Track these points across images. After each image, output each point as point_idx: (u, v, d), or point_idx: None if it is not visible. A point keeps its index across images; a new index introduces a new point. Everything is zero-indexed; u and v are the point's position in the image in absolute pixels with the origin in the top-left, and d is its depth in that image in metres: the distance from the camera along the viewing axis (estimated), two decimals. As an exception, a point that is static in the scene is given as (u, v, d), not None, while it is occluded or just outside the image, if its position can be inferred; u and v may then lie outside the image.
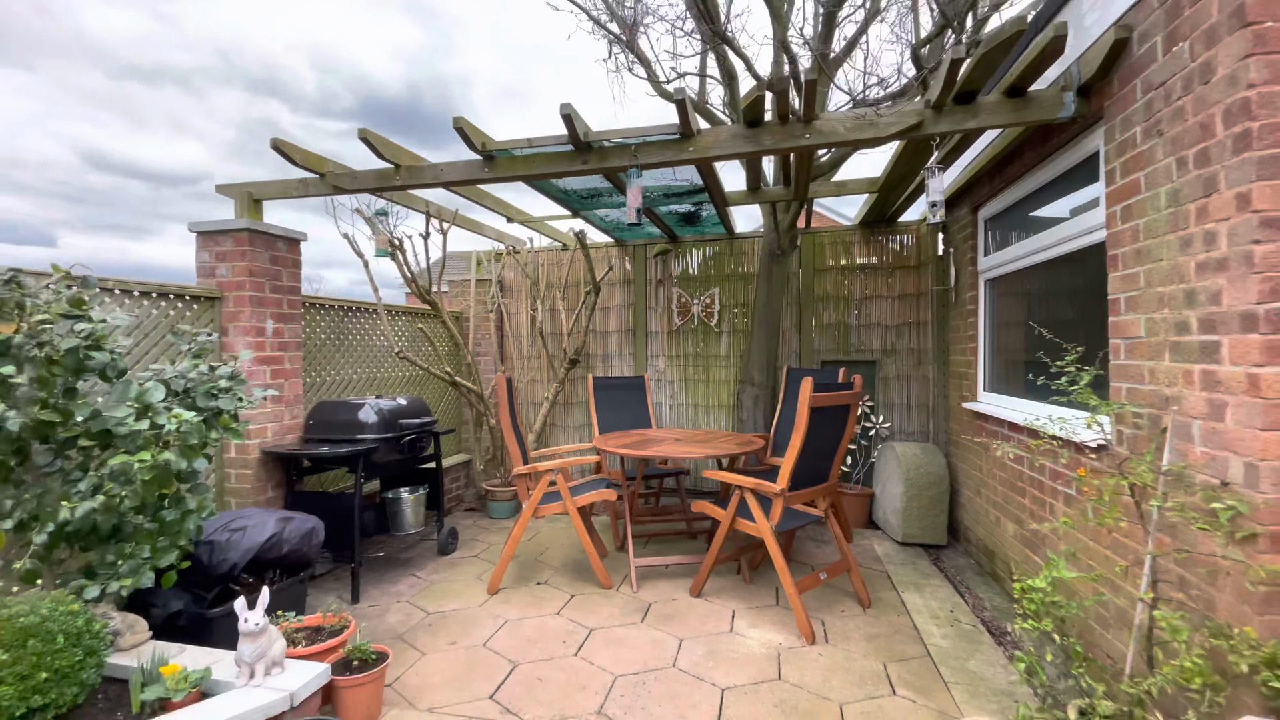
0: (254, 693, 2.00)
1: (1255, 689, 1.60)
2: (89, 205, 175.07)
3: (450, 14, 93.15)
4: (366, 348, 4.64)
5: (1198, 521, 1.77)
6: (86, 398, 2.22)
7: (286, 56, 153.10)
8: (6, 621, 1.81)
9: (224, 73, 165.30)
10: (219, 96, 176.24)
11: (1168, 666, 1.73)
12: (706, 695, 2.47)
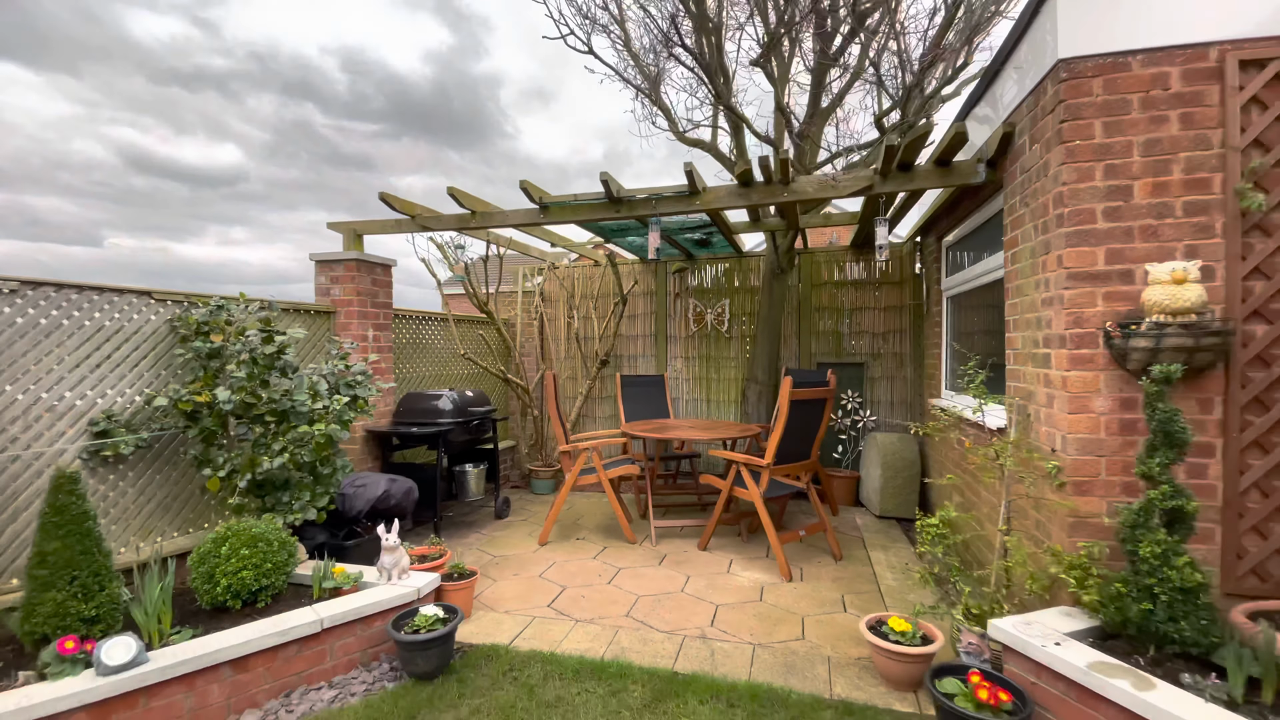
0: (393, 588, 2.96)
1: (1065, 587, 2.44)
2: (132, 206, 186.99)
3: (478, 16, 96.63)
4: (436, 350, 5.64)
5: (1029, 479, 2.61)
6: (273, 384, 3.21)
7: (320, 60, 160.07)
8: (243, 530, 2.80)
9: (260, 76, 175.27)
10: (255, 100, 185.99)
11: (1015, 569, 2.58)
12: (705, 608, 3.37)
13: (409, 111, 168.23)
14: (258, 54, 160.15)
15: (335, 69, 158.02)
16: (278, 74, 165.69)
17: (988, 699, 2.07)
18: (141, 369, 3.13)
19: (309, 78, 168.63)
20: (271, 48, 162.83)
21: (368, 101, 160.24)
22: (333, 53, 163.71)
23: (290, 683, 2.57)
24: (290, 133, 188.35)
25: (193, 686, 2.32)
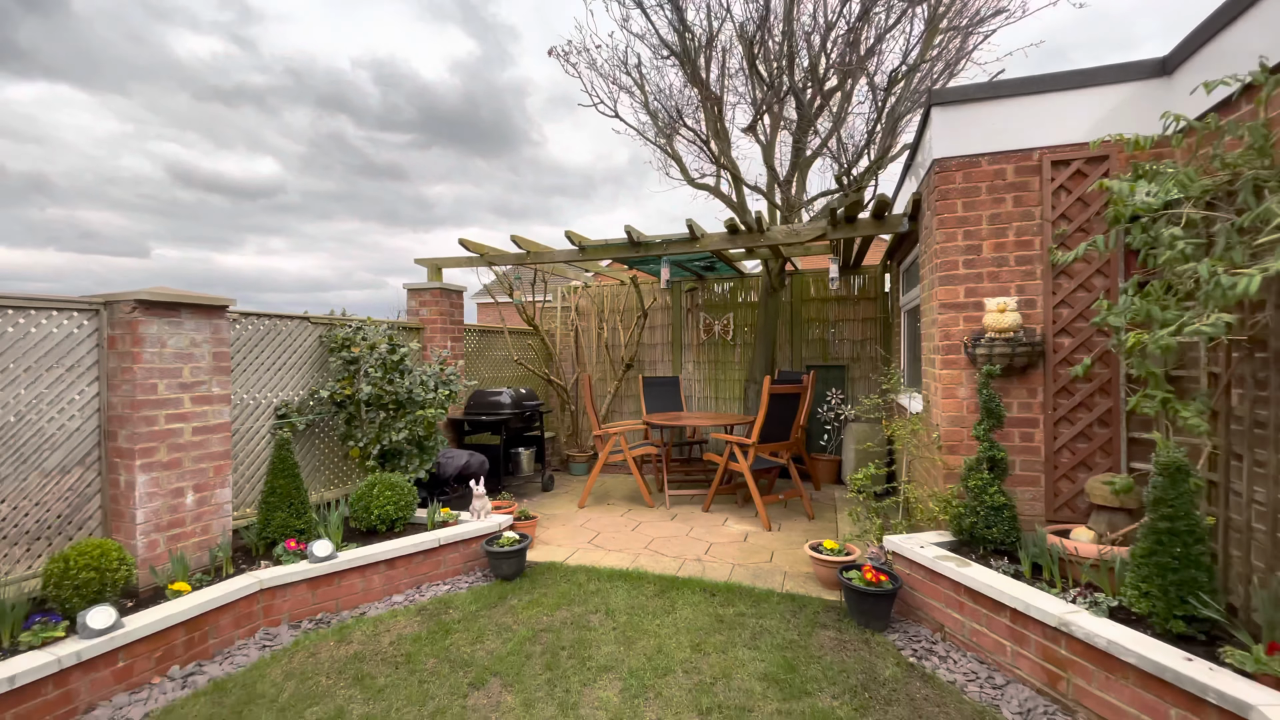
0: (482, 523, 4.25)
1: (942, 520, 3.59)
2: (177, 219, 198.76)
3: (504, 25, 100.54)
4: (495, 356, 6.97)
5: (925, 445, 3.77)
6: (396, 382, 4.54)
7: (352, 73, 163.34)
8: (386, 479, 4.11)
9: (296, 91, 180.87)
10: (291, 114, 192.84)
11: (913, 505, 3.75)
12: (701, 545, 4.58)
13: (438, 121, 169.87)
14: (294, 69, 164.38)
15: (367, 81, 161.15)
16: (312, 88, 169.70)
17: (872, 579, 3.26)
18: (305, 371, 4.49)
19: (342, 91, 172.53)
20: (307, 62, 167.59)
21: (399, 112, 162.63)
22: (365, 65, 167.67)
23: (420, 579, 3.88)
24: (325, 145, 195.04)
25: (363, 575, 3.64)
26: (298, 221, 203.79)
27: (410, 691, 2.67)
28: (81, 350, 3.18)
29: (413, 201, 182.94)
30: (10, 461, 2.92)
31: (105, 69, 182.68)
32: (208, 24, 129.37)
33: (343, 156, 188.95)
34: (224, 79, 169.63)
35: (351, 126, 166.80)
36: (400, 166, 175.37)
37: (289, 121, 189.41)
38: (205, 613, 3.00)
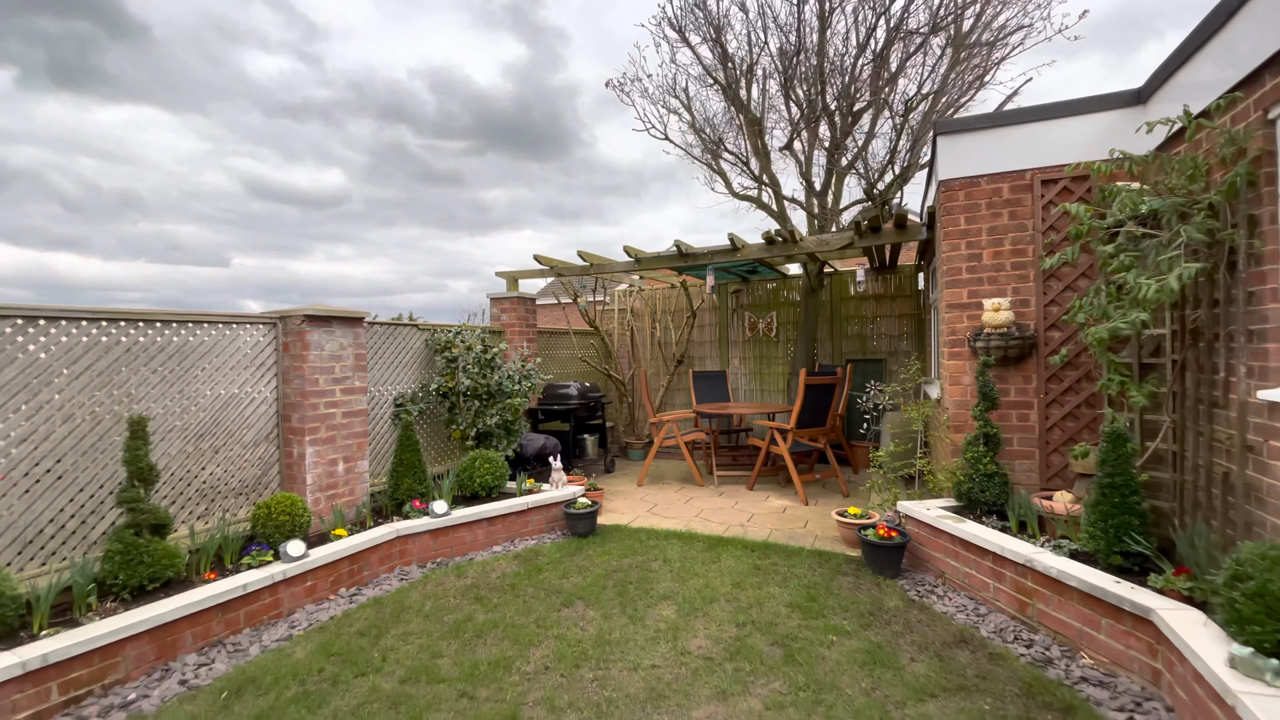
0: (559, 492, 5.12)
1: (948, 489, 4.21)
2: (253, 229, 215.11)
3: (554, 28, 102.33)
4: (561, 355, 7.89)
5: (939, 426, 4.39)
6: (489, 376, 5.47)
7: (410, 83, 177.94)
8: (484, 454, 5.03)
9: (358, 104, 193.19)
10: (354, 125, 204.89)
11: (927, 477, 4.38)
12: (744, 515, 5.32)
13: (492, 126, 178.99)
14: (356, 82, 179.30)
15: (424, 91, 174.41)
16: (373, 99, 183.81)
17: (884, 534, 3.93)
18: (415, 368, 5.47)
19: (402, 101, 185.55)
20: (368, 75, 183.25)
21: (455, 120, 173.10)
22: (421, 75, 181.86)
23: (513, 534, 4.78)
24: (386, 154, 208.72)
25: (470, 529, 4.56)
26: (362, 229, 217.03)
27: (517, 607, 3.55)
28: (265, 353, 4.22)
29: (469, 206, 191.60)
30: (222, 436, 3.97)
31: (186, 91, 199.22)
32: (276, 43, 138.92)
33: (403, 165, 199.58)
34: (292, 95, 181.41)
35: (411, 135, 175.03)
36: (457, 172, 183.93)
37: (353, 133, 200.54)
38: (359, 551, 3.97)
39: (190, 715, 2.54)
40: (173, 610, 2.97)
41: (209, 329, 3.89)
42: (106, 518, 3.35)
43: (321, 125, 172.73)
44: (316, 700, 2.64)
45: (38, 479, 3.12)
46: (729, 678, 2.76)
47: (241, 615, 3.29)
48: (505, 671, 2.85)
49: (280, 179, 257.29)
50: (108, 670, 2.76)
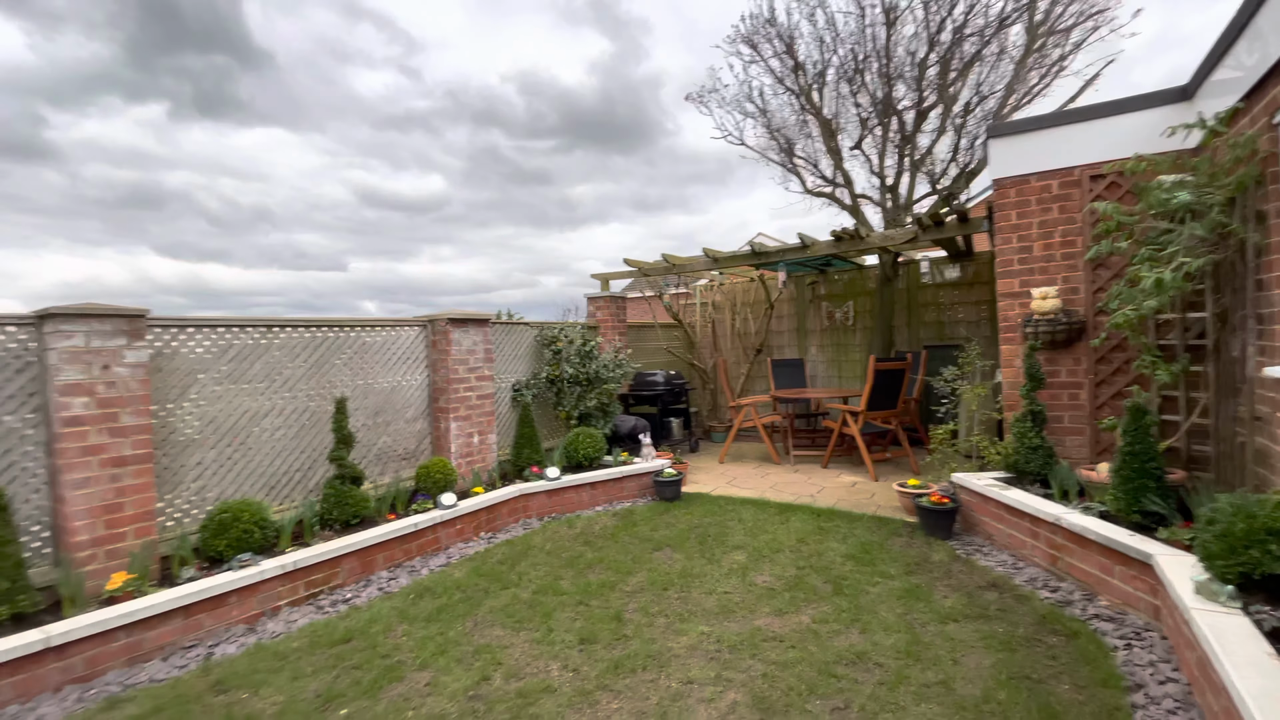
0: (649, 464, 5.95)
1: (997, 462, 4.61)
2: (366, 235, 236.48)
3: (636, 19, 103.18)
4: (649, 346, 8.72)
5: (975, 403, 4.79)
6: (588, 365, 6.39)
7: (501, 87, 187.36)
8: (586, 431, 5.95)
9: (455, 111, 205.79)
10: (451, 133, 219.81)
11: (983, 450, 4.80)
12: (815, 488, 5.90)
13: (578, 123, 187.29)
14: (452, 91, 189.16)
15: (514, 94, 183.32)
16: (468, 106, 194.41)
17: (937, 500, 4.42)
18: (527, 359, 6.48)
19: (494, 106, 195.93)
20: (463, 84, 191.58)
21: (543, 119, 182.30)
22: (511, 79, 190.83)
23: (611, 497, 5.66)
24: (481, 158, 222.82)
25: (576, 491, 5.49)
26: (461, 230, 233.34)
27: (617, 549, 4.40)
28: (419, 349, 5.33)
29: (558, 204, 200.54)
30: (390, 414, 5.11)
31: (306, 111, 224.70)
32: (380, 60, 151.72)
33: (496, 167, 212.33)
34: (395, 107, 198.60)
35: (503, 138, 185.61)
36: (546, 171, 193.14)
37: (450, 140, 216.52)
38: (493, 505, 4.99)
39: (391, 608, 3.58)
40: (368, 538, 4.07)
41: (379, 331, 5.03)
42: (318, 472, 4.54)
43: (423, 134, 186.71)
44: (475, 601, 3.61)
45: (278, 441, 4.32)
46: (785, 601, 3.45)
47: (414, 546, 4.37)
48: (610, 590, 3.69)
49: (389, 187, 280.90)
50: (331, 577, 3.88)
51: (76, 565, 3.20)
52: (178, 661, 3.04)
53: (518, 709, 2.53)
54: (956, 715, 2.38)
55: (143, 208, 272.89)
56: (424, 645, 3.09)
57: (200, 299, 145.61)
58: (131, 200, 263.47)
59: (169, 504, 3.76)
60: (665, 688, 2.65)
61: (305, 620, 3.46)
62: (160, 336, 3.74)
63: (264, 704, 2.63)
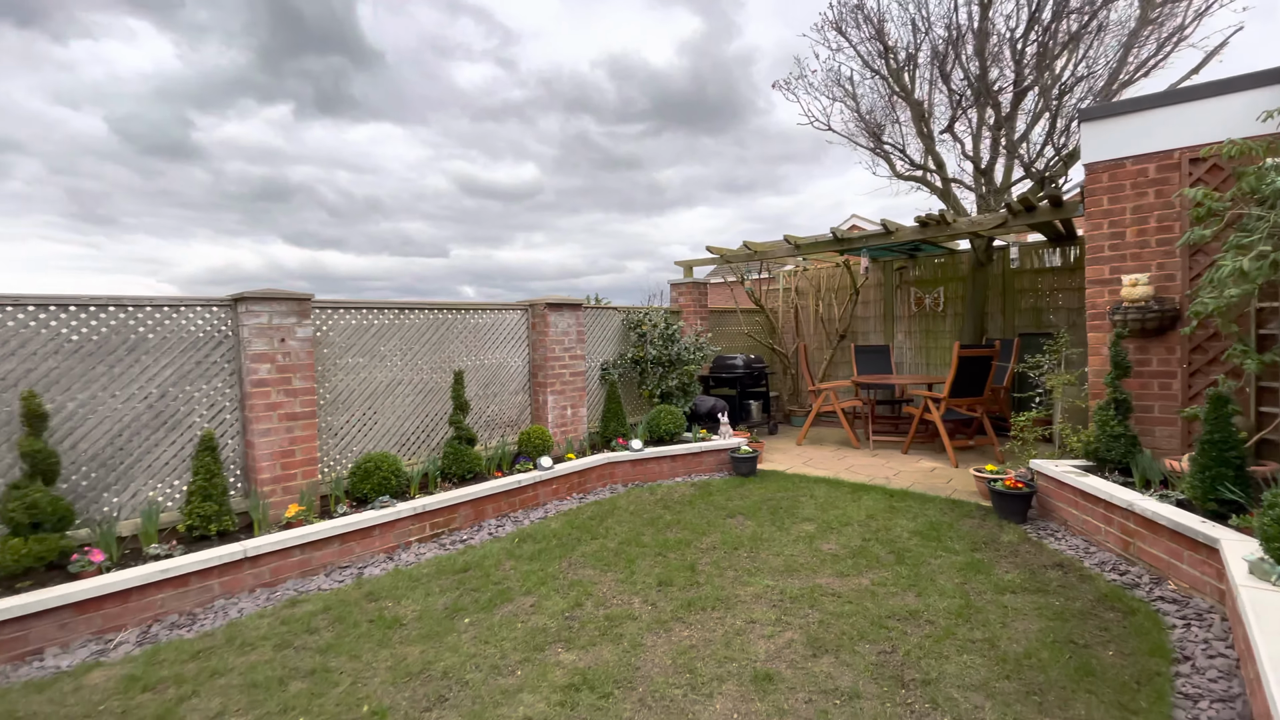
0: (726, 441, 6.30)
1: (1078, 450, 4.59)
2: (465, 224, 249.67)
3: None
4: (730, 331, 9.02)
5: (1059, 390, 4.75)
6: (670, 348, 6.82)
7: (591, 74, 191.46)
8: (667, 409, 6.40)
9: (548, 100, 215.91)
10: (544, 121, 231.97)
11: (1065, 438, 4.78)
12: (891, 471, 6.03)
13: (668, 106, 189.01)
14: (545, 80, 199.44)
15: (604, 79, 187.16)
16: (561, 94, 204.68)
17: (1011, 484, 4.49)
18: (614, 341, 7.00)
19: (585, 93, 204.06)
20: (555, 72, 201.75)
21: (633, 104, 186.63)
22: (601, 64, 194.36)
23: (690, 470, 6.09)
24: (572, 145, 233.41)
25: (658, 462, 5.95)
26: (553, 217, 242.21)
27: (694, 514, 4.83)
28: (520, 330, 5.97)
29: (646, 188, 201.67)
30: (495, 386, 5.78)
31: (411, 105, 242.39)
32: (479, 53, 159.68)
33: (587, 153, 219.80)
34: (492, 99, 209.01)
35: (593, 124, 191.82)
36: (635, 156, 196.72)
37: (543, 129, 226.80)
38: (583, 469, 5.55)
39: (499, 548, 4.20)
40: (480, 491, 4.73)
41: (488, 314, 5.69)
42: (438, 434, 5.27)
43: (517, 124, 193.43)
44: (568, 547, 4.16)
45: (407, 407, 5.08)
46: (848, 566, 3.74)
47: (517, 500, 5.01)
48: (685, 547, 4.13)
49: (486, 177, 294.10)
50: (450, 520, 4.58)
51: (262, 497, 4.04)
52: (337, 577, 3.80)
53: (605, 628, 3.03)
54: (995, 666, 2.61)
55: (273, 200, 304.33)
56: (528, 577, 3.67)
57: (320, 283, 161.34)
58: (264, 194, 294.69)
59: (325, 454, 4.59)
60: (730, 624, 3.05)
61: (431, 554, 4.16)
62: (318, 317, 4.54)
63: (405, 611, 3.30)
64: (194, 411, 4.00)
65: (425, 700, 2.49)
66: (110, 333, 3.69)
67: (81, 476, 3.60)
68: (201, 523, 3.66)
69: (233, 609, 3.39)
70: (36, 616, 2.97)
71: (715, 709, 2.39)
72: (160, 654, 2.91)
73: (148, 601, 3.27)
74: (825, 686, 2.51)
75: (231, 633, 3.11)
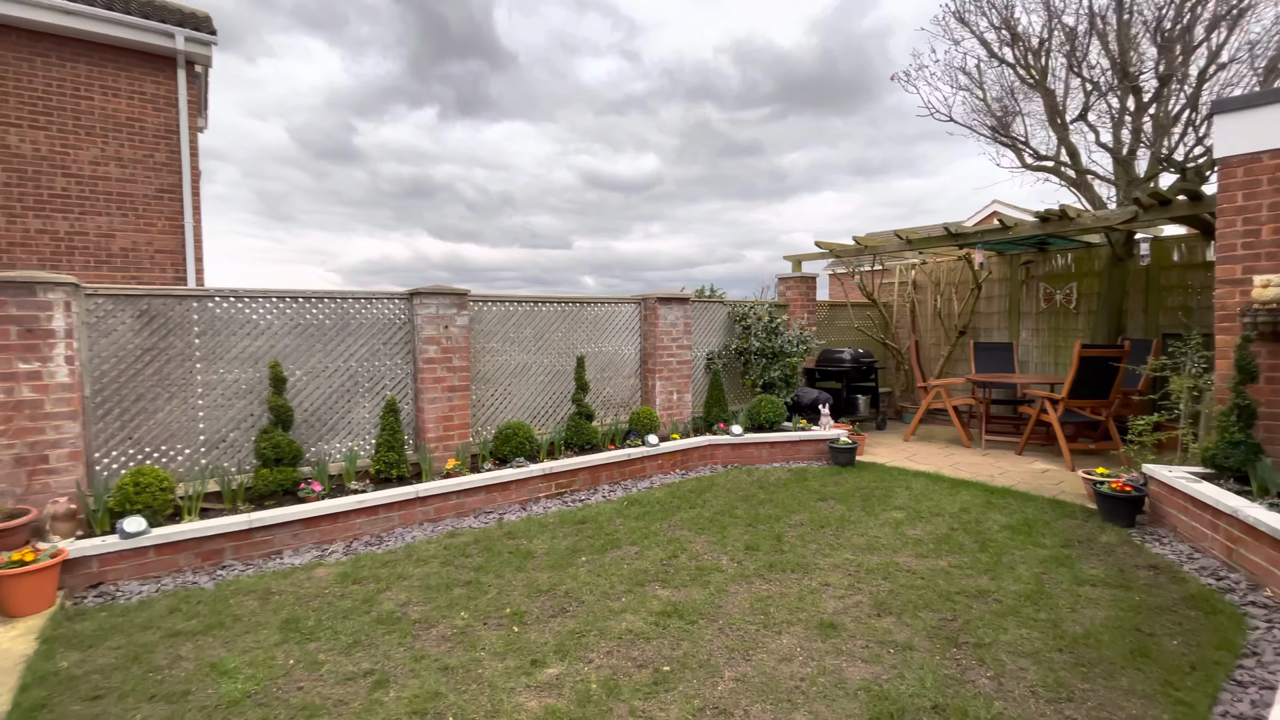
0: (826, 431, 6.57)
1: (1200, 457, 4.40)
2: (588, 216, 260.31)
3: None
4: (839, 325, 9.13)
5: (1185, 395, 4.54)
6: (773, 340, 7.18)
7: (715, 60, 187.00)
8: (767, 399, 6.78)
9: (669, 90, 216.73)
10: (666, 111, 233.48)
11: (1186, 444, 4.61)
12: (998, 471, 5.98)
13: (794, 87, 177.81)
14: (668, 70, 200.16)
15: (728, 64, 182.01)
16: (683, 83, 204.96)
17: (1118, 488, 4.43)
18: (719, 333, 7.47)
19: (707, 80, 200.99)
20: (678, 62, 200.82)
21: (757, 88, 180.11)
22: (725, 50, 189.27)
23: (788, 457, 6.44)
24: (692, 134, 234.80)
25: (756, 448, 6.38)
26: (670, 207, 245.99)
27: (786, 495, 5.23)
28: (633, 321, 6.64)
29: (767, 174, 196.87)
30: (610, 371, 6.50)
31: (541, 104, 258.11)
32: (605, 47, 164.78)
33: (707, 141, 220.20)
34: (616, 92, 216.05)
35: (715, 111, 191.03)
36: (757, 142, 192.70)
37: (664, 119, 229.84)
38: (686, 449, 6.12)
39: (611, 508, 4.89)
40: (596, 460, 5.47)
41: (606, 307, 6.42)
42: (561, 410, 6.09)
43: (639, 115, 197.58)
44: (669, 512, 4.76)
45: (538, 385, 5.94)
46: (928, 549, 3.99)
47: (626, 471, 5.69)
48: (774, 521, 4.56)
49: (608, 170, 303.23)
50: (571, 483, 5.35)
51: (428, 451, 5.03)
52: (482, 520, 4.69)
53: (695, 575, 3.59)
54: (1051, 640, 2.83)
55: (419, 197, 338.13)
56: (633, 532, 4.32)
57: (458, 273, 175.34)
58: (412, 191, 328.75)
59: (474, 420, 5.54)
60: (805, 585, 3.48)
61: (555, 509, 4.94)
62: (471, 307, 5.48)
63: (535, 547, 4.07)
64: (380, 382, 5.07)
65: (551, 609, 3.20)
66: (325, 318, 4.81)
67: (303, 428, 4.76)
68: (386, 468, 4.69)
69: (407, 535, 4.36)
70: (278, 526, 4.07)
71: (781, 642, 2.86)
72: (360, 561, 3.89)
73: (350, 524, 4.31)
74: (882, 639, 2.88)
75: (408, 551, 4.05)
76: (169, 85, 7.93)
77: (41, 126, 7.26)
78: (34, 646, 2.89)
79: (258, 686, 2.53)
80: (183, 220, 7.87)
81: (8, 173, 7.10)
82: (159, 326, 4.25)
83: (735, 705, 2.39)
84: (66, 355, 3.73)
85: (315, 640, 2.91)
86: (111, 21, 7.25)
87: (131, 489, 3.72)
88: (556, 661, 2.70)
